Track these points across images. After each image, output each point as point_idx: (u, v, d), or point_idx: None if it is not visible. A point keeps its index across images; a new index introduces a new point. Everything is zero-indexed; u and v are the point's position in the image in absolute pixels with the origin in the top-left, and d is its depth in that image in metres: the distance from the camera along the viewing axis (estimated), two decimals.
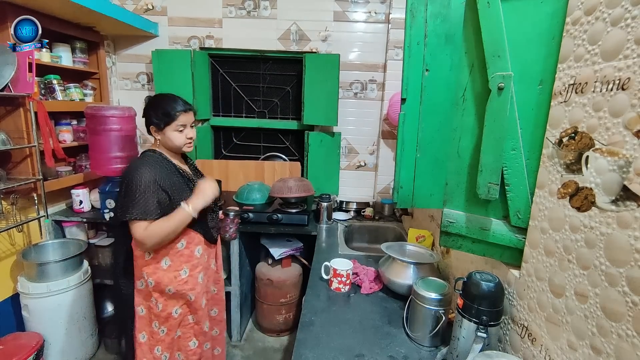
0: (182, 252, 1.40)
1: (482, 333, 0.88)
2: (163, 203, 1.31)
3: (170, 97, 1.39)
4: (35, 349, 1.72)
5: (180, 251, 1.39)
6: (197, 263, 1.44)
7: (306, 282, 1.52)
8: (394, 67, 2.38)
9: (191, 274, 1.41)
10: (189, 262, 1.41)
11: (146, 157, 1.36)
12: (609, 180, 0.63)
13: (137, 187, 1.27)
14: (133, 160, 1.38)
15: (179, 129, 1.37)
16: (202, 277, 1.46)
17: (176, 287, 1.37)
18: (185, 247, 1.41)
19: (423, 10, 1.03)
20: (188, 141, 1.40)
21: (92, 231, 2.33)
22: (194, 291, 1.41)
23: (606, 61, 0.65)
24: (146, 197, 1.27)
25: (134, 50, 2.54)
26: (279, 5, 2.41)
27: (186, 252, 1.41)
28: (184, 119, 1.37)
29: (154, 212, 1.29)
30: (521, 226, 0.91)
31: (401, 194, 1.16)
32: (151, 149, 1.41)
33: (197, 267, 1.44)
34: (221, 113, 2.70)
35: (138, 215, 1.26)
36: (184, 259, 1.40)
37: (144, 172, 1.29)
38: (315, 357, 1.02)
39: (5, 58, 1.66)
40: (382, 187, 2.57)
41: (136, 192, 1.27)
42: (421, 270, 1.33)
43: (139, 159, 1.36)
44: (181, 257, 1.40)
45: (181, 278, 1.39)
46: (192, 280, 1.42)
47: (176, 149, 1.41)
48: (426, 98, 1.08)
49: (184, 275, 1.40)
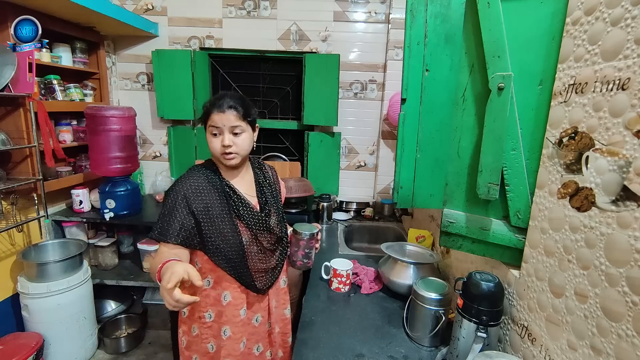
0: (207, 292, 1.14)
1: (482, 333, 0.88)
2: (185, 227, 1.05)
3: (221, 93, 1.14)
4: (35, 349, 1.72)
5: (206, 290, 1.13)
6: (221, 312, 1.14)
7: (306, 282, 1.52)
8: (394, 67, 2.38)
9: (216, 321, 1.15)
10: (214, 306, 1.14)
11: (191, 169, 1.15)
12: (609, 180, 0.63)
13: (166, 203, 1.08)
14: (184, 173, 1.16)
15: (212, 132, 1.09)
16: (228, 331, 1.14)
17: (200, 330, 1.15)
18: (212, 287, 1.13)
19: (423, 10, 1.03)
20: (223, 150, 1.08)
21: (92, 231, 2.34)
22: (215, 340, 1.15)
23: (606, 61, 0.65)
24: (170, 216, 1.05)
25: (134, 51, 2.54)
26: (279, 5, 2.41)
27: (212, 294, 1.14)
28: (218, 119, 1.07)
29: (173, 235, 1.03)
30: (521, 226, 0.91)
31: (401, 194, 1.16)
32: (207, 160, 1.20)
33: (222, 317, 1.14)
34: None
35: (157, 236, 1.05)
36: (209, 302, 1.14)
37: (177, 186, 1.09)
38: (315, 357, 1.02)
39: (5, 58, 1.66)
40: (382, 187, 2.57)
41: (164, 208, 1.08)
42: (421, 270, 1.33)
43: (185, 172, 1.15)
44: (206, 299, 1.14)
45: (205, 321, 1.14)
46: (217, 328, 1.14)
47: (216, 158, 1.14)
48: (426, 98, 1.08)
49: (208, 320, 1.14)
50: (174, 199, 1.07)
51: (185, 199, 1.06)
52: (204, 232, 1.08)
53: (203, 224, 1.07)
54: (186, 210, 1.06)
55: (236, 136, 1.10)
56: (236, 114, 1.08)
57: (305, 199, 2.21)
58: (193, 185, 1.09)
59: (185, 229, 1.05)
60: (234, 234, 1.11)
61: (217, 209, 1.10)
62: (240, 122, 1.09)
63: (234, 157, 1.10)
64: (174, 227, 1.04)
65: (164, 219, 1.05)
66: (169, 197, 1.08)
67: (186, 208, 1.06)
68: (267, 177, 1.27)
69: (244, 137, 1.11)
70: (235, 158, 1.11)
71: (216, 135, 1.09)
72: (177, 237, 1.04)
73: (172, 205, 1.06)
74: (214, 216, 1.09)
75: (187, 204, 1.06)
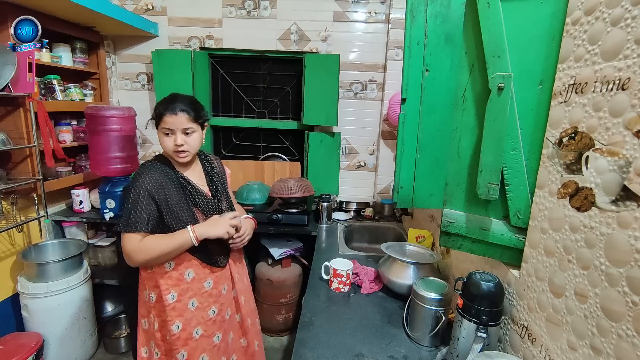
0: (170, 273, 1.24)
1: (482, 333, 0.88)
2: (152, 216, 1.18)
3: (173, 95, 1.25)
4: (35, 349, 1.72)
5: (168, 272, 1.24)
6: (186, 288, 1.25)
7: (306, 282, 1.52)
8: (394, 67, 2.38)
9: (179, 300, 1.24)
10: (177, 286, 1.24)
11: (146, 165, 1.25)
12: (609, 180, 0.63)
13: (129, 197, 1.18)
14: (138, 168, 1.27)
15: (165, 132, 1.21)
16: (193, 304, 1.26)
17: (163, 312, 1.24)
18: (173, 268, 1.24)
19: (423, 10, 1.03)
20: (176, 148, 1.21)
21: (92, 231, 2.34)
22: (180, 318, 1.24)
23: (606, 61, 0.65)
24: (137, 208, 1.16)
25: (134, 50, 2.54)
26: (279, 5, 2.41)
27: (174, 275, 1.24)
28: (170, 121, 1.18)
29: (142, 225, 1.16)
30: (521, 226, 0.91)
31: (401, 194, 1.16)
32: (158, 155, 1.32)
33: (187, 293, 1.25)
34: (221, 113, 2.71)
35: (127, 227, 1.16)
36: (171, 282, 1.24)
37: (137, 181, 1.19)
38: (315, 357, 1.02)
39: (5, 58, 1.66)
40: (382, 187, 2.57)
41: (128, 202, 1.18)
42: (421, 270, 1.33)
43: (139, 168, 1.26)
44: (169, 280, 1.24)
45: (169, 303, 1.23)
46: (180, 307, 1.24)
47: (168, 156, 1.27)
48: (426, 98, 1.08)
49: (171, 301, 1.23)
50: (136, 193, 1.17)
51: (147, 192, 1.18)
52: (165, 220, 1.21)
53: (164, 213, 1.21)
54: (150, 202, 1.18)
55: (187, 136, 1.22)
56: (188, 116, 1.21)
57: (305, 199, 2.21)
58: (152, 179, 1.20)
59: (152, 218, 1.19)
60: (192, 219, 1.25)
61: (174, 199, 1.22)
62: (191, 123, 1.22)
63: (186, 155, 1.24)
64: (143, 217, 1.17)
65: (131, 211, 1.17)
66: (132, 192, 1.18)
67: (149, 200, 1.18)
68: (214, 167, 1.41)
69: (194, 136, 1.24)
70: (188, 156, 1.25)
71: (168, 135, 1.21)
72: (146, 225, 1.18)
73: (136, 199, 1.17)
74: (172, 205, 1.22)
75: (150, 196, 1.18)
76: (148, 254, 1.16)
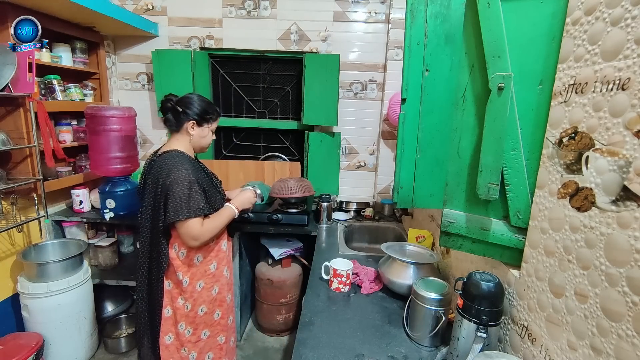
0: (211, 246, 1.46)
1: (482, 333, 0.88)
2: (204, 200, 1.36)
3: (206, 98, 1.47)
4: (35, 349, 1.72)
5: (210, 246, 1.46)
6: (223, 257, 1.51)
7: (306, 282, 1.52)
8: (394, 67, 2.38)
9: (219, 268, 1.49)
10: (217, 256, 1.48)
11: (178, 157, 1.35)
12: (609, 180, 0.63)
13: (184, 185, 1.29)
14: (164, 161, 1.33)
15: (212, 130, 1.46)
16: (226, 270, 1.55)
17: (205, 281, 1.44)
18: (215, 242, 1.47)
19: (423, 10, 1.03)
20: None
21: (92, 231, 2.34)
22: (218, 283, 1.49)
23: (606, 61, 0.65)
24: (193, 195, 1.30)
25: (134, 51, 2.54)
26: (279, 5, 2.41)
27: (215, 247, 1.48)
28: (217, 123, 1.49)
29: (205, 209, 1.34)
30: (521, 226, 0.91)
31: (401, 194, 1.16)
32: (175, 149, 1.38)
33: (223, 261, 1.51)
34: (221, 113, 2.70)
35: (194, 213, 1.29)
36: (214, 254, 1.47)
37: (185, 170, 1.31)
38: (315, 357, 1.03)
39: (5, 58, 1.66)
40: (382, 187, 2.57)
41: (185, 190, 1.29)
42: (421, 270, 1.33)
43: (173, 159, 1.33)
44: (211, 252, 1.46)
45: (210, 272, 1.46)
46: (219, 274, 1.49)
47: (200, 149, 1.47)
48: (426, 98, 1.08)
49: (213, 270, 1.47)
50: (188, 181, 1.30)
51: (195, 180, 1.33)
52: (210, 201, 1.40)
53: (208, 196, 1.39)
54: (198, 188, 1.33)
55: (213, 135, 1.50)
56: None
57: (305, 199, 2.21)
58: (191, 168, 1.34)
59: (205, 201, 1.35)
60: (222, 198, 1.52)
61: (205, 184, 1.41)
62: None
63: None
64: (202, 202, 1.33)
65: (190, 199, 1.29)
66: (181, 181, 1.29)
67: (197, 186, 1.33)
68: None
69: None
70: None
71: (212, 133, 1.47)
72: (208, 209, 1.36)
73: (189, 187, 1.30)
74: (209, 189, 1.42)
75: (198, 183, 1.33)
76: (212, 232, 1.37)
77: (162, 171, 1.30)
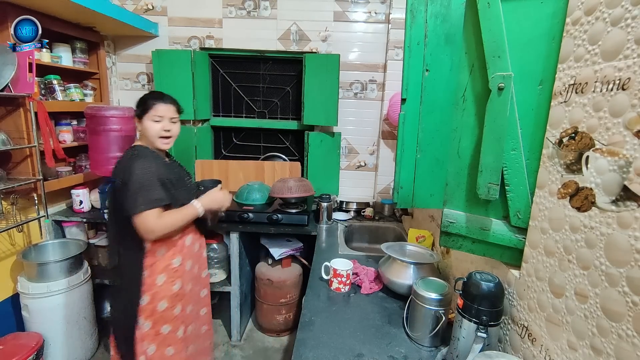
0: (175, 241, 1.43)
1: (482, 333, 0.88)
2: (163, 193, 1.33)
3: (157, 92, 1.44)
4: (35, 349, 1.72)
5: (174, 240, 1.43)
6: (187, 252, 1.49)
7: (306, 282, 1.52)
8: (394, 67, 2.38)
9: (183, 263, 1.45)
10: (181, 251, 1.45)
11: (137, 150, 1.37)
12: (609, 180, 0.63)
13: (139, 178, 1.27)
14: (124, 156, 1.37)
15: (155, 119, 1.37)
16: (191, 265, 1.52)
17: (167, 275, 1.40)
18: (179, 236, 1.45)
19: (423, 10, 1.03)
20: (163, 133, 1.38)
21: (92, 231, 2.33)
22: (181, 279, 1.45)
23: (606, 61, 0.65)
24: (152, 186, 1.29)
25: (134, 51, 2.54)
26: (279, 5, 2.41)
27: (179, 242, 1.45)
28: (162, 109, 1.37)
29: (164, 199, 1.31)
30: (521, 226, 0.91)
31: (401, 194, 1.16)
32: (139, 144, 1.41)
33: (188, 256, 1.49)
34: (221, 113, 2.70)
35: (150, 204, 1.27)
36: (177, 249, 1.44)
37: (141, 163, 1.30)
38: (315, 357, 1.02)
39: (5, 58, 1.66)
40: (382, 187, 2.57)
41: (141, 182, 1.27)
42: (421, 270, 1.33)
43: (131, 153, 1.36)
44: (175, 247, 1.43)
45: (173, 267, 1.42)
46: (182, 269, 1.45)
47: (152, 142, 1.39)
48: (426, 98, 1.08)
49: (176, 264, 1.43)
50: (145, 174, 1.29)
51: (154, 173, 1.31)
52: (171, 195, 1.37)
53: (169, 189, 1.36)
54: (157, 181, 1.32)
55: (173, 124, 1.41)
56: (175, 107, 1.43)
57: (305, 199, 2.21)
58: (153, 162, 1.34)
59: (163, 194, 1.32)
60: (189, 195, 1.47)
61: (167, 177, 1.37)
62: (176, 114, 1.43)
63: (169, 142, 1.42)
64: (160, 194, 1.31)
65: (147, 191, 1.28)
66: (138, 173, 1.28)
67: (156, 179, 1.31)
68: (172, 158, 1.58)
69: (178, 125, 1.45)
70: (170, 142, 1.43)
71: (158, 122, 1.37)
72: (165, 200, 1.32)
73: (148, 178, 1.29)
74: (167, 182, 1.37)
75: (156, 176, 1.32)
76: (168, 226, 1.33)
77: (121, 166, 1.34)
